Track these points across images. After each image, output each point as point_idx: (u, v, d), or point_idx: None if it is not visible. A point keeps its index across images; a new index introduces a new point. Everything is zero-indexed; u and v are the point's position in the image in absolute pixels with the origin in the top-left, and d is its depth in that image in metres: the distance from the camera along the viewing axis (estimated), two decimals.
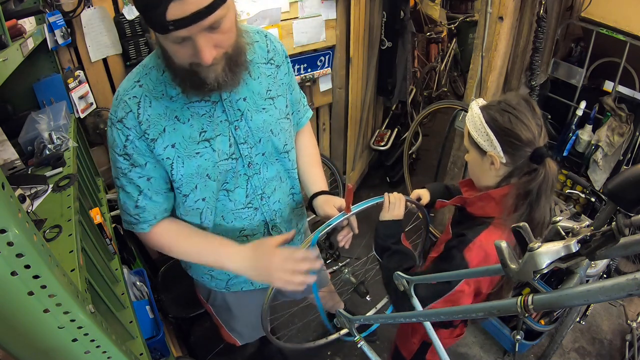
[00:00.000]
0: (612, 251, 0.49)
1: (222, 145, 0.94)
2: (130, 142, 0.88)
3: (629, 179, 0.51)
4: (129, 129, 0.87)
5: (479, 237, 0.99)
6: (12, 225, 0.45)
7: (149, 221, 0.98)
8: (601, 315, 2.23)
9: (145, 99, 0.87)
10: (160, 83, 0.88)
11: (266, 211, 1.09)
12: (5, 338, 0.54)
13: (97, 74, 1.67)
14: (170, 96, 0.88)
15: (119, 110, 0.87)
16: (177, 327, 1.85)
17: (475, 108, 1.01)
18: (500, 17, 1.82)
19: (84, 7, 1.50)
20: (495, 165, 0.99)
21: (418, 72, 3.57)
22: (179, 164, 0.91)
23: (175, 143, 0.90)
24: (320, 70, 2.31)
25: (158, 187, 0.95)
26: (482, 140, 0.99)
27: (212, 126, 0.92)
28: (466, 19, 4.06)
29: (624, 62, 2.08)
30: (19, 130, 1.23)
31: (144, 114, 0.86)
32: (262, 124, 0.99)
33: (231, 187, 1.01)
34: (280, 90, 1.04)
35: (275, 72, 1.03)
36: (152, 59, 0.91)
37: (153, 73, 0.89)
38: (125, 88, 0.88)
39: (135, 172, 0.91)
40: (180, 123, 0.89)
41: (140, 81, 0.88)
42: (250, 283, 1.22)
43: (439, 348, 1.02)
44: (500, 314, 0.63)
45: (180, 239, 1.01)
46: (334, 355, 2.06)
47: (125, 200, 0.95)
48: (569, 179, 2.43)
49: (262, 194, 1.06)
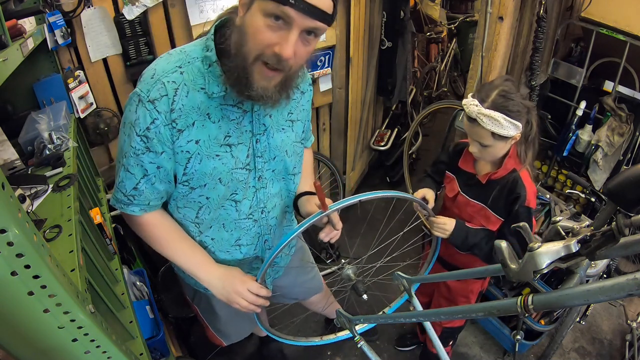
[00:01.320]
0: (612, 251, 0.49)
1: (240, 153, 0.95)
2: (155, 126, 0.84)
3: (629, 179, 0.51)
4: (159, 113, 0.83)
5: (524, 186, 1.21)
6: (12, 225, 0.45)
7: (141, 205, 0.96)
8: (601, 315, 2.23)
9: (184, 88, 0.84)
10: (202, 76, 0.86)
11: (263, 225, 1.11)
12: (5, 338, 0.54)
13: (97, 74, 1.67)
14: (211, 92, 0.86)
15: (154, 90, 0.83)
16: (177, 327, 1.85)
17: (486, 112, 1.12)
18: (500, 17, 1.82)
19: (84, 7, 1.50)
20: (515, 138, 1.17)
21: (418, 72, 3.57)
22: (196, 160, 0.91)
23: (200, 140, 0.89)
24: (320, 70, 2.31)
25: (163, 177, 0.93)
26: (509, 131, 1.13)
27: (237, 133, 0.93)
28: (466, 19, 4.06)
29: (624, 62, 2.08)
30: (19, 130, 1.23)
31: (178, 102, 0.84)
32: (280, 143, 1.02)
33: (240, 198, 1.02)
34: (301, 115, 1.07)
35: (300, 98, 1.06)
36: (197, 50, 0.88)
37: (197, 64, 0.86)
38: (166, 70, 0.85)
39: (148, 157, 0.88)
40: (210, 122, 0.88)
41: (183, 68, 0.85)
42: None
43: (439, 348, 1.03)
44: (500, 314, 0.63)
45: (171, 238, 1.03)
46: (334, 356, 2.06)
47: (125, 179, 0.92)
48: (569, 179, 2.43)
49: (264, 207, 1.08)
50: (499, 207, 1.27)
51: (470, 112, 1.14)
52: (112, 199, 0.99)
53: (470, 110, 1.15)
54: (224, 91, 0.86)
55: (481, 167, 1.33)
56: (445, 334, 1.65)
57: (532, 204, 1.23)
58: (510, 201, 1.24)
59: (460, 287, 1.53)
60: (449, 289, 1.57)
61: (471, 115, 1.15)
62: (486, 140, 1.17)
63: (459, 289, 1.54)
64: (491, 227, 1.30)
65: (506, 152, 1.23)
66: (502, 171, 1.25)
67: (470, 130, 1.20)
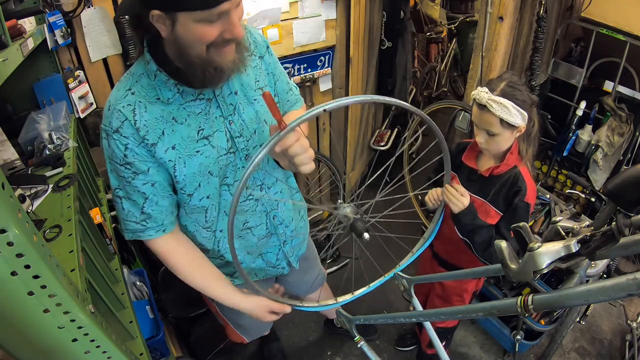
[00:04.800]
0: (612, 251, 0.49)
1: (220, 141, 0.95)
2: (130, 150, 0.87)
3: (629, 179, 0.51)
4: (127, 138, 0.86)
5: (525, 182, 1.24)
6: (12, 225, 0.45)
7: (156, 227, 0.97)
8: (601, 315, 2.23)
9: (140, 105, 0.86)
10: (153, 88, 0.88)
11: (266, 201, 1.10)
12: (5, 338, 0.54)
13: (97, 74, 1.67)
14: (167, 98, 0.88)
15: (114, 120, 0.86)
16: (177, 327, 1.85)
17: (496, 98, 1.16)
18: (500, 17, 1.82)
19: (84, 7, 1.50)
20: (520, 130, 1.21)
21: (418, 72, 3.57)
22: (181, 164, 0.92)
23: (175, 144, 0.90)
24: (320, 70, 2.30)
25: (163, 191, 0.95)
26: (516, 119, 1.16)
27: (209, 123, 0.93)
28: (466, 19, 4.06)
29: (624, 62, 2.08)
30: (19, 130, 1.23)
31: (140, 120, 0.86)
32: (254, 116, 1.00)
33: (231, 182, 1.01)
34: (267, 80, 1.06)
35: (260, 64, 1.04)
36: (139, 66, 0.90)
37: (143, 80, 0.88)
38: (117, 97, 0.87)
39: (139, 180, 0.91)
40: (178, 124, 0.89)
41: (132, 89, 0.87)
42: (255, 274, 1.24)
43: (439, 347, 1.03)
44: (500, 314, 0.63)
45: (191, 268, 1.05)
46: (334, 355, 2.06)
47: (130, 208, 0.94)
48: (569, 179, 2.43)
49: (262, 184, 1.08)
50: (499, 202, 1.29)
51: (481, 98, 1.18)
52: (127, 234, 0.99)
53: (480, 97, 1.19)
54: (178, 92, 0.88)
55: (483, 162, 1.35)
56: (438, 334, 1.64)
57: (531, 200, 1.25)
58: (511, 195, 1.26)
59: (454, 286, 1.54)
60: (444, 287, 1.58)
61: (481, 102, 1.18)
62: (494, 128, 1.20)
63: (453, 288, 1.55)
64: (491, 222, 1.31)
65: (509, 146, 1.26)
66: (504, 167, 1.28)
67: (479, 118, 1.23)
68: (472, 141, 1.37)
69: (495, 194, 1.29)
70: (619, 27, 2.05)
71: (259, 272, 1.25)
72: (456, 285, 1.54)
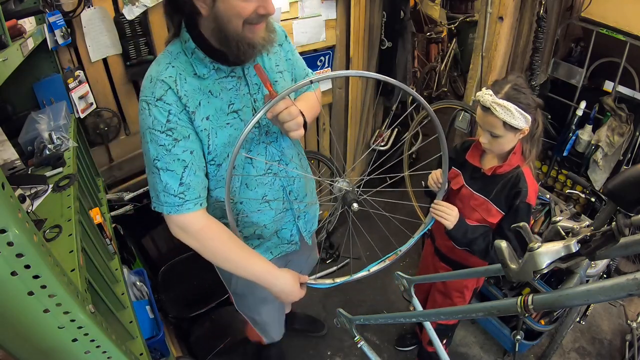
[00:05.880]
0: (612, 251, 0.49)
1: (247, 115, 1.03)
2: (173, 115, 0.92)
3: (629, 179, 0.51)
4: (170, 105, 0.92)
5: (526, 183, 1.25)
6: (12, 225, 0.45)
7: (194, 199, 0.98)
8: (601, 315, 2.23)
9: (181, 76, 0.93)
10: (190, 64, 0.95)
11: (283, 177, 1.16)
12: (5, 338, 0.54)
13: (97, 74, 1.67)
14: (203, 74, 0.96)
15: (157, 89, 0.91)
16: (177, 327, 1.85)
17: (500, 101, 1.16)
18: (500, 17, 1.82)
19: (84, 7, 1.50)
20: (523, 132, 1.21)
21: (418, 72, 3.57)
22: (213, 134, 0.99)
23: (209, 115, 0.97)
24: (320, 70, 2.30)
25: (199, 162, 0.99)
26: (519, 122, 1.17)
27: (238, 99, 1.01)
28: (466, 19, 4.06)
29: (624, 62, 2.08)
30: (19, 130, 1.23)
31: (182, 90, 0.93)
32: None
33: (254, 154, 1.08)
34: (286, 65, 1.15)
35: (279, 50, 1.13)
36: (176, 46, 0.97)
37: (181, 57, 0.95)
38: (159, 70, 0.93)
39: (180, 147, 0.94)
40: (213, 97, 0.97)
41: (172, 63, 0.94)
42: (270, 252, 1.28)
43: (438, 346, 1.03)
44: (500, 314, 0.63)
45: (232, 243, 1.05)
46: (334, 355, 2.06)
47: (168, 180, 0.95)
48: (569, 179, 2.43)
49: (280, 160, 1.14)
50: (500, 201, 1.30)
51: (485, 101, 1.19)
52: (165, 208, 0.97)
53: (484, 99, 1.19)
54: (213, 69, 0.96)
55: (487, 161, 1.36)
56: (438, 331, 1.65)
57: (532, 201, 1.26)
58: (512, 195, 1.27)
59: (455, 282, 1.55)
60: (445, 283, 1.59)
61: (485, 104, 1.19)
62: (497, 130, 1.21)
63: (454, 284, 1.56)
64: (491, 220, 1.32)
65: (513, 147, 1.27)
66: (507, 166, 1.29)
67: (483, 120, 1.23)
68: (477, 139, 1.38)
69: (498, 193, 1.30)
70: (619, 27, 2.05)
71: (274, 250, 1.29)
72: (457, 281, 1.54)
